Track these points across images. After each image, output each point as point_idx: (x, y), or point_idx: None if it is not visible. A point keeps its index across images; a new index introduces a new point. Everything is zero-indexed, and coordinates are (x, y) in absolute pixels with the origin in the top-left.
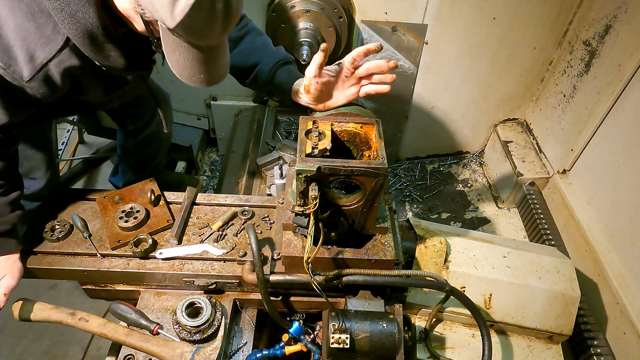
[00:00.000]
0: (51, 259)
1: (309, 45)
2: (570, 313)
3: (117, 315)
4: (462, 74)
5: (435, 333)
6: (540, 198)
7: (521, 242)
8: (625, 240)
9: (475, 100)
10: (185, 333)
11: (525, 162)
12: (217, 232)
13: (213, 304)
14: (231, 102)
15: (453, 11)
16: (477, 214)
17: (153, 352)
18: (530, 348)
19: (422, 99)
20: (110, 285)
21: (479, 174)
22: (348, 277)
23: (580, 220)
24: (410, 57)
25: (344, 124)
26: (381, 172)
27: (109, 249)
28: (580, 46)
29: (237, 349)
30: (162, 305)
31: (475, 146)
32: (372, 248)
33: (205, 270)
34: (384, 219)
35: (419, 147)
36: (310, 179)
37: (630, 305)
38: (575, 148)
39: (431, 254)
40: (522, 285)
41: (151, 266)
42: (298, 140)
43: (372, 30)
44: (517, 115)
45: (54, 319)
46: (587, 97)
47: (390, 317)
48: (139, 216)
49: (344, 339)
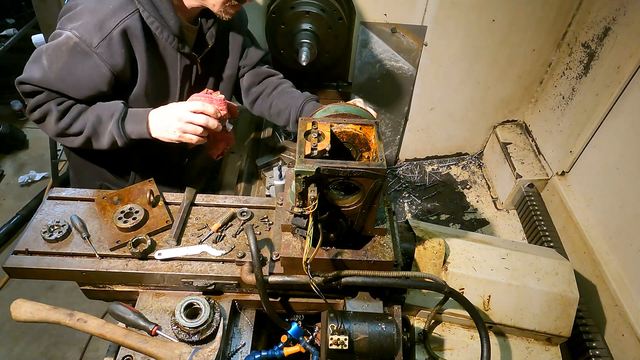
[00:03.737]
0: (49, 259)
1: (309, 47)
2: (569, 315)
3: (116, 316)
4: (461, 76)
5: (434, 334)
6: (539, 200)
7: (520, 244)
8: (623, 242)
9: (475, 101)
10: (184, 334)
11: (524, 163)
12: (216, 233)
13: (212, 305)
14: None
15: (452, 13)
16: (476, 216)
17: (151, 353)
18: (528, 350)
19: (421, 101)
20: (109, 286)
21: (478, 176)
22: (347, 279)
23: (579, 222)
24: (409, 59)
25: (343, 125)
26: (380, 173)
27: (107, 249)
28: (579, 48)
29: (236, 350)
30: (161, 306)
31: (474, 148)
32: (371, 249)
33: (204, 271)
34: (383, 220)
35: (418, 149)
36: (310, 180)
37: (628, 307)
38: (574, 150)
39: (430, 255)
40: (520, 286)
41: (150, 267)
42: (297, 141)
43: (371, 31)
44: (516, 117)
45: (52, 320)
46: (586, 99)
47: (389, 319)
48: (137, 217)
49: (342, 340)
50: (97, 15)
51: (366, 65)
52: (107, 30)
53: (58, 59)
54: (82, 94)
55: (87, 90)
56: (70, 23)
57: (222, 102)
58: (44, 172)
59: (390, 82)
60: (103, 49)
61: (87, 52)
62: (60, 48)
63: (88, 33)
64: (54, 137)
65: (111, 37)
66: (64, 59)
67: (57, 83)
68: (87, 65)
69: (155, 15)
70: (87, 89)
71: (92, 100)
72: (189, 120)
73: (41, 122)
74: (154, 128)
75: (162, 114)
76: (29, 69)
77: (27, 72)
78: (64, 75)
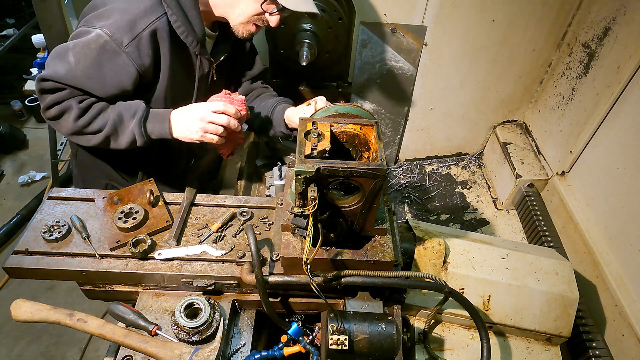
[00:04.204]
0: (49, 259)
1: (309, 46)
2: (569, 315)
3: (116, 316)
4: (462, 76)
5: (434, 334)
6: (539, 200)
7: (520, 244)
8: (624, 242)
9: (475, 101)
10: (184, 334)
11: (524, 163)
12: (216, 233)
13: (212, 305)
14: None
15: (452, 13)
16: (476, 216)
17: (151, 353)
18: (528, 350)
19: (421, 101)
20: (109, 286)
21: (478, 176)
22: (347, 279)
23: (579, 222)
24: (409, 59)
25: (343, 125)
26: (380, 173)
27: (107, 249)
28: (579, 48)
29: (236, 350)
30: (161, 306)
31: (474, 148)
32: (371, 249)
33: (204, 271)
34: (383, 220)
35: (418, 149)
36: (310, 180)
37: (628, 307)
38: (574, 150)
39: (430, 255)
40: (520, 286)
41: (150, 267)
42: (297, 141)
43: (371, 31)
44: (516, 117)
45: (52, 320)
46: (586, 99)
47: (389, 319)
48: (137, 217)
49: (342, 340)
50: (128, 15)
51: (366, 65)
52: (138, 30)
53: (86, 56)
54: (106, 92)
55: (112, 89)
56: (99, 21)
57: (243, 102)
58: (44, 172)
59: (390, 82)
60: (132, 49)
61: (117, 51)
62: (89, 45)
63: (119, 32)
64: (68, 136)
65: (141, 37)
66: (93, 56)
67: (83, 80)
68: (116, 64)
69: (183, 20)
70: (113, 87)
71: (114, 99)
72: (211, 120)
73: (57, 119)
74: (176, 128)
75: (184, 114)
76: (52, 66)
77: (51, 68)
78: (91, 72)
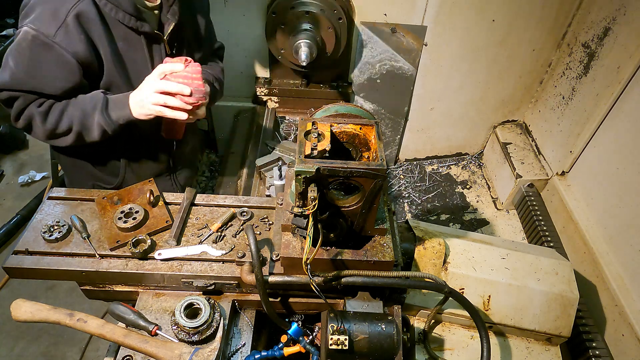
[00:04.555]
0: (49, 259)
1: (309, 46)
2: (569, 315)
3: (116, 316)
4: (462, 76)
5: (434, 334)
6: (539, 200)
7: (520, 244)
8: (623, 242)
9: (475, 101)
10: (184, 334)
11: (524, 163)
12: (216, 233)
13: (212, 305)
14: (230, 103)
15: (452, 13)
16: (476, 216)
17: (151, 353)
18: (528, 350)
19: (421, 101)
20: (109, 286)
21: (478, 176)
22: (347, 279)
23: (579, 222)
24: (409, 59)
25: (343, 125)
26: (380, 173)
27: (107, 249)
28: (579, 48)
29: (236, 350)
30: (161, 306)
31: (474, 148)
32: (371, 249)
33: (204, 271)
34: (383, 220)
35: (418, 149)
36: (310, 180)
37: (628, 307)
38: (574, 150)
39: (430, 255)
40: (520, 286)
41: (150, 267)
42: (297, 141)
43: (371, 31)
44: (516, 117)
45: (52, 320)
46: (586, 99)
47: (389, 319)
48: (137, 217)
49: (342, 340)
50: (49, 5)
51: (366, 65)
52: (62, 17)
53: (22, 56)
54: (56, 88)
55: (59, 83)
56: (25, 19)
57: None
58: (44, 172)
59: (390, 82)
60: (61, 37)
61: (47, 44)
62: (20, 45)
63: (43, 24)
64: (45, 141)
65: (67, 24)
66: (27, 55)
67: (27, 81)
68: (51, 57)
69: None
70: (59, 81)
71: (69, 93)
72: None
73: (29, 129)
74: (134, 108)
75: (137, 92)
76: None
77: None
78: (31, 71)
